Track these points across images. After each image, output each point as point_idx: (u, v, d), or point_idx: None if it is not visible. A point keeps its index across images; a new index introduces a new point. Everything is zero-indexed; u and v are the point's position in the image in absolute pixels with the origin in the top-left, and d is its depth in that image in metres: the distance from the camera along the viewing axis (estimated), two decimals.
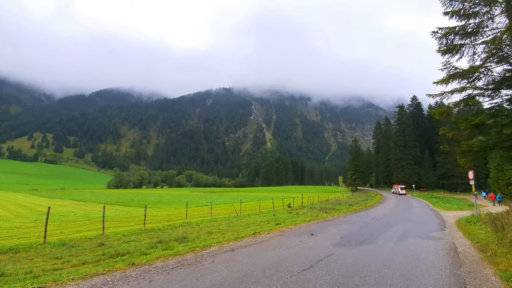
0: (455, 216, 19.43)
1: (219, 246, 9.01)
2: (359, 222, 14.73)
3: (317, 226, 13.67)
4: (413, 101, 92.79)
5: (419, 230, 12.28)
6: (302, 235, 10.76)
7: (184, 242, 10.69)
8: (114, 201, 37.14)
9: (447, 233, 11.45)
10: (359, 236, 10.52)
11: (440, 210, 25.57)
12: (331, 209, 26.24)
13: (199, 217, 20.63)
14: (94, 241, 11.09)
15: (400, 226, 13.24)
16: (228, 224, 15.87)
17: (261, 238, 10.18)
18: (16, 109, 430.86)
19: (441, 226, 13.74)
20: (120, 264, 6.91)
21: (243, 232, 12.28)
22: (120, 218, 19.58)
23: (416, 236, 10.55)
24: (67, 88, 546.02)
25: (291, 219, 17.12)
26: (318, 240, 9.67)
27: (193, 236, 11.72)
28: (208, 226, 14.96)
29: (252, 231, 11.81)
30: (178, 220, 18.08)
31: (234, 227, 14.69)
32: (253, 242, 9.54)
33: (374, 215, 18.89)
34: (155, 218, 19.66)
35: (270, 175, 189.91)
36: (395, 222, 15.15)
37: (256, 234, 11.06)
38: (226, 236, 11.28)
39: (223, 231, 13.00)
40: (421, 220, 16.33)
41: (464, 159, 10.11)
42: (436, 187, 72.91)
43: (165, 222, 17.40)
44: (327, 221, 15.87)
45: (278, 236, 10.54)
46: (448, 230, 12.48)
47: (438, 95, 9.74)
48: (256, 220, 17.59)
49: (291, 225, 14.23)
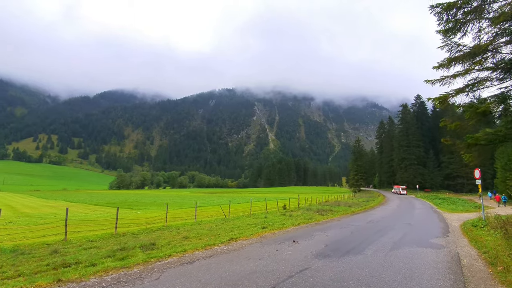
0: (460, 219, 17.92)
1: (181, 256, 7.74)
2: (352, 226, 13.35)
3: (305, 230, 12.33)
4: (417, 100, 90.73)
5: (419, 236, 10.87)
6: (283, 241, 9.45)
7: (150, 249, 9.48)
8: (105, 202, 36.16)
9: (450, 240, 10.04)
10: (347, 243, 9.17)
11: (444, 212, 24.00)
12: (328, 210, 24.93)
13: (184, 220, 19.42)
14: (50, 248, 9.93)
15: (397, 231, 11.84)
16: (211, 227, 14.63)
17: (235, 246, 8.90)
18: (21, 110, 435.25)
19: (444, 231, 12.30)
20: (44, 280, 5.68)
21: (222, 237, 11.05)
22: (99, 220, 18.44)
23: (414, 244, 9.16)
24: (72, 90, 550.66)
25: (280, 222, 15.83)
26: (299, 248, 8.35)
27: (164, 242, 10.50)
28: (188, 230, 13.75)
29: (229, 236, 10.54)
30: (160, 222, 16.86)
31: (216, 231, 13.45)
32: (223, 250, 8.26)
33: (371, 218, 17.46)
34: (136, 221, 18.47)
35: (272, 175, 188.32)
36: (392, 226, 13.74)
37: (232, 241, 9.78)
38: (199, 242, 10.05)
39: (201, 236, 11.78)
40: (422, 224, 14.87)
41: (469, 155, 8.74)
42: (441, 188, 70.93)
43: (144, 225, 16.21)
44: (319, 224, 14.52)
45: (255, 243, 9.25)
46: (452, 236, 11.05)
47: (438, 81, 8.36)
48: (244, 223, 16.34)
49: (277, 229, 12.93)
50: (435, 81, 8.42)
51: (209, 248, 8.59)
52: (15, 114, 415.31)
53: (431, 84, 8.46)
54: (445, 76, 8.18)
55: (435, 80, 8.42)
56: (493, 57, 7.52)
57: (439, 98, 8.43)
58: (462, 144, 8.50)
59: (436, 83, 8.43)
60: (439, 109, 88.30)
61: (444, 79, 8.23)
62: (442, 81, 8.27)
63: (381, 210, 25.02)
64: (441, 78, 8.23)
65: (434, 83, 8.44)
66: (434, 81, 8.44)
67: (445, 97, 8.33)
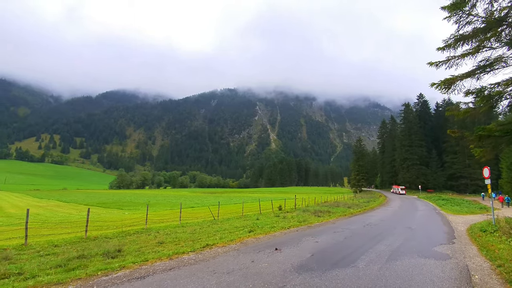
0: (465, 222, 16.58)
1: (137, 267, 6.56)
2: (347, 230, 12.09)
3: (294, 235, 11.09)
4: (420, 99, 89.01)
5: (420, 242, 9.60)
6: (264, 249, 8.23)
7: (112, 257, 8.33)
8: (96, 203, 35.13)
9: (457, 248, 8.75)
10: (337, 252, 7.93)
11: (448, 214, 22.63)
12: (326, 212, 23.76)
13: (171, 221, 18.27)
14: (1, 254, 8.79)
15: (396, 237, 10.56)
16: (194, 231, 13.44)
17: (207, 255, 7.69)
18: (24, 110, 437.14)
19: (449, 237, 11.00)
20: None
21: (200, 242, 9.89)
22: (78, 222, 17.31)
23: (415, 253, 7.90)
24: (74, 90, 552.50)
25: (271, 224, 14.63)
26: (279, 258, 7.12)
27: (133, 248, 9.35)
28: (167, 234, 12.58)
29: (205, 243, 9.35)
30: (140, 225, 15.70)
31: (198, 235, 12.28)
32: (189, 261, 7.06)
33: (370, 221, 16.18)
34: (118, 222, 17.32)
35: (273, 175, 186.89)
36: (392, 230, 12.45)
37: (206, 248, 8.58)
38: (172, 249, 8.89)
39: (179, 241, 10.62)
40: (425, 228, 13.55)
41: (480, 150, 7.48)
42: (444, 188, 69.31)
43: (124, 227, 15.07)
44: (311, 227, 13.27)
45: (231, 252, 8.04)
46: (458, 242, 9.76)
47: (443, 62, 7.11)
48: (231, 226, 15.17)
49: (263, 233, 11.72)
50: (440, 63, 7.17)
51: (176, 258, 7.39)
52: (18, 114, 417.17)
53: (435, 67, 7.21)
54: (452, 56, 6.93)
55: (440, 62, 7.17)
56: (511, 32, 6.26)
57: (444, 82, 7.16)
58: (472, 137, 7.25)
59: (442, 66, 7.18)
60: (442, 108, 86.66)
61: (451, 60, 6.98)
62: (448, 62, 7.02)
63: (381, 212, 23.71)
64: (447, 58, 6.98)
65: (439, 66, 7.19)
66: (439, 63, 7.19)
67: (452, 80, 7.06)
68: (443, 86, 7.19)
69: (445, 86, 7.15)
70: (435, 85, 7.46)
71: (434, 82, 7.40)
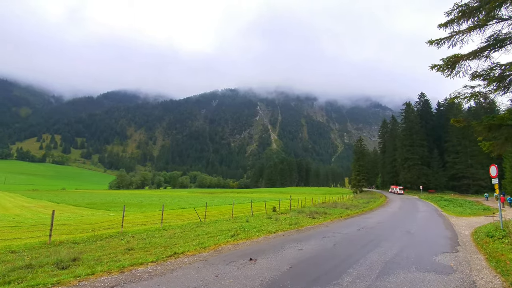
0: (469, 225, 15.40)
1: (74, 284, 5.47)
2: (339, 235, 10.94)
3: (278, 241, 9.96)
4: (421, 98, 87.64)
5: (419, 250, 8.43)
6: (236, 259, 7.10)
7: (64, 267, 7.24)
8: (86, 203, 34.03)
9: (462, 258, 7.59)
10: (322, 263, 6.79)
11: (451, 216, 21.42)
12: (322, 213, 22.71)
13: (153, 224, 17.20)
14: None
15: (392, 243, 9.41)
16: (173, 235, 12.33)
17: (167, 267, 6.59)
18: (26, 111, 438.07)
19: (452, 243, 9.83)
20: None
21: (172, 248, 8.81)
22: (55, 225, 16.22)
23: (412, 265, 6.75)
24: (76, 90, 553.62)
25: (258, 228, 13.51)
26: (249, 272, 6.00)
27: (93, 257, 8.23)
28: (142, 238, 11.50)
29: (174, 250, 8.24)
30: (119, 228, 14.63)
31: (175, 239, 11.19)
32: (142, 275, 5.95)
33: (366, 223, 15.01)
34: (93, 225, 16.25)
35: (274, 176, 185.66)
36: (388, 235, 11.29)
37: (171, 257, 7.47)
38: (139, 257, 7.82)
39: (150, 248, 9.52)
40: (425, 232, 12.36)
41: (489, 143, 6.34)
42: (445, 189, 67.97)
43: (100, 230, 14.01)
44: (300, 232, 12.13)
45: (197, 262, 6.92)
46: (463, 250, 8.60)
47: (446, 39, 5.98)
48: (216, 229, 14.09)
49: (245, 238, 10.61)
50: (441, 40, 6.04)
51: (129, 270, 6.28)
52: (20, 114, 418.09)
53: (436, 46, 6.09)
54: (456, 31, 5.79)
55: (441, 40, 6.03)
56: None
57: (447, 63, 6.01)
58: (480, 127, 6.10)
59: (444, 44, 6.05)
60: (443, 107, 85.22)
61: (454, 37, 5.85)
62: (452, 39, 5.89)
63: (380, 213, 22.53)
64: (450, 35, 5.84)
65: (440, 44, 6.06)
66: (440, 41, 6.06)
67: (456, 59, 5.91)
68: (446, 67, 6.05)
69: (448, 66, 6.01)
70: (436, 67, 6.31)
71: (435, 64, 6.26)
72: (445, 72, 6.16)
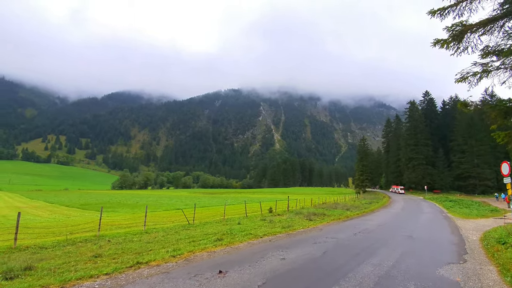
0: (477, 228, 14.21)
1: None
2: (332, 240, 9.88)
3: (262, 247, 8.96)
4: (425, 97, 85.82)
5: (421, 260, 7.35)
6: (204, 272, 6.13)
7: (13, 278, 6.43)
8: (79, 204, 33.28)
9: (470, 270, 6.49)
10: (302, 277, 5.78)
11: (457, 218, 20.19)
12: (321, 214, 21.72)
13: (139, 226, 16.27)
14: None
15: (391, 251, 8.33)
16: (153, 239, 11.43)
17: (120, 281, 5.62)
18: (31, 112, 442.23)
19: (459, 250, 8.71)
20: None
21: (148, 255, 7.93)
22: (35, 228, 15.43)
23: (412, 280, 5.69)
24: (80, 91, 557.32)
25: (247, 231, 12.55)
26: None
27: (51, 265, 7.37)
28: (118, 243, 10.60)
29: (137, 260, 7.29)
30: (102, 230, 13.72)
31: (153, 244, 10.28)
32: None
33: (365, 227, 13.92)
34: (73, 227, 15.37)
35: (277, 176, 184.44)
36: (387, 240, 10.21)
37: (132, 268, 6.55)
38: (106, 264, 6.97)
39: (123, 253, 8.68)
40: (429, 237, 11.23)
41: (504, 133, 5.24)
42: (451, 189, 66.32)
43: (77, 233, 13.12)
44: (290, 236, 11.10)
45: (157, 276, 5.96)
46: (471, 260, 7.48)
47: (450, 8, 4.90)
48: (202, 232, 13.17)
49: (228, 244, 9.68)
50: (445, 10, 4.95)
51: (72, 285, 5.32)
52: (25, 115, 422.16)
53: (439, 17, 5.04)
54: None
55: (445, 9, 4.94)
56: None
57: (452, 30, 4.92)
58: (494, 112, 5.00)
59: (448, 14, 4.97)
60: (449, 106, 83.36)
61: (462, 3, 4.75)
62: (458, 6, 4.80)
63: (381, 215, 21.37)
64: (457, 1, 4.75)
65: (444, 14, 4.97)
66: (444, 10, 4.97)
67: (464, 29, 4.82)
68: (451, 40, 4.98)
69: (454, 38, 4.93)
70: (439, 43, 5.24)
71: (438, 39, 5.20)
72: (450, 47, 5.07)
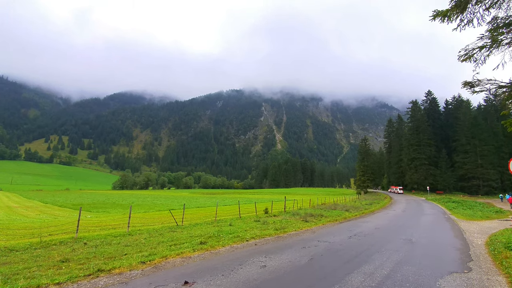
0: (482, 231, 13.33)
1: None
2: (323, 244, 9.08)
3: (244, 252, 8.19)
4: (428, 96, 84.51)
5: (420, 268, 6.53)
6: (171, 281, 5.38)
7: None
8: (72, 204, 32.64)
9: (476, 282, 5.67)
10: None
11: (460, 220, 19.28)
12: (318, 215, 21.02)
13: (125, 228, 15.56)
14: None
15: (386, 257, 7.52)
16: (133, 242, 10.69)
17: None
18: (34, 112, 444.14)
19: (463, 257, 7.88)
20: None
21: (121, 260, 7.24)
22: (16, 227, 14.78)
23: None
24: (83, 92, 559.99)
25: (236, 233, 11.82)
26: None
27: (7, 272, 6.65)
28: (94, 246, 9.91)
29: (98, 267, 6.58)
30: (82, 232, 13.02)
31: (131, 248, 9.55)
32: None
33: (361, 229, 13.10)
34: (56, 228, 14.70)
35: (278, 176, 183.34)
36: (384, 244, 9.39)
37: (91, 276, 5.82)
38: (62, 272, 6.28)
39: (95, 258, 8.07)
40: (430, 241, 10.38)
41: None
42: (454, 190, 65.10)
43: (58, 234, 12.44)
44: (280, 239, 10.31)
45: (116, 285, 5.19)
46: (476, 268, 6.65)
47: None
48: (189, 234, 12.46)
49: (209, 248, 8.91)
50: None
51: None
52: (28, 116, 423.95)
53: None
54: None
55: None
56: None
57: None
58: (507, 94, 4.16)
59: None
60: (451, 106, 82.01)
61: None
62: None
63: (381, 216, 20.51)
64: None
65: None
66: None
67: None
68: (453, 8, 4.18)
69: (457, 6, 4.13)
70: (439, 16, 4.45)
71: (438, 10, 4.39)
72: (452, 19, 4.27)
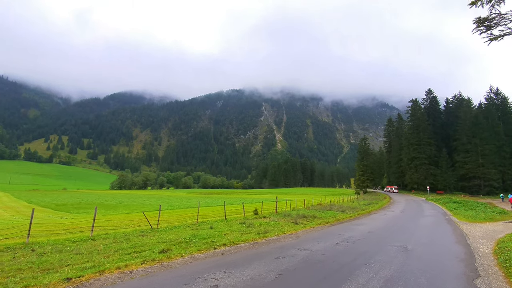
0: (487, 235, 12.00)
1: None
2: (301, 254, 7.78)
3: (203, 264, 6.93)
4: (428, 95, 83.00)
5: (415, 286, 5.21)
6: None
7: None
8: (55, 205, 31.36)
9: None
10: None
11: (462, 222, 17.94)
12: (311, 217, 19.88)
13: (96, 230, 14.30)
14: None
15: (373, 273, 6.19)
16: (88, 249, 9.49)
17: None
18: (34, 112, 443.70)
19: (468, 271, 6.54)
20: None
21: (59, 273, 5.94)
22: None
23: None
24: (83, 92, 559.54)
25: (210, 238, 10.53)
26: None
27: None
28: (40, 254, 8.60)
29: (32, 282, 5.30)
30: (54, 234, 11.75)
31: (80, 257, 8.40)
32: None
33: (351, 234, 11.79)
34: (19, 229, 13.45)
35: (277, 176, 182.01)
36: (373, 254, 8.06)
37: None
38: None
39: (28, 269, 6.73)
40: (428, 249, 9.02)
41: None
42: (455, 190, 63.73)
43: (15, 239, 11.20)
44: (255, 246, 9.02)
45: None
46: (484, 286, 5.33)
47: None
48: (161, 239, 11.30)
49: (166, 259, 7.61)
50: None
51: None
52: (28, 116, 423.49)
53: None
54: None
55: None
56: None
57: None
58: None
59: None
60: (452, 105, 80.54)
61: None
62: None
63: (377, 218, 19.20)
64: None
65: None
66: None
67: None
68: None
69: None
70: None
71: None
72: None
